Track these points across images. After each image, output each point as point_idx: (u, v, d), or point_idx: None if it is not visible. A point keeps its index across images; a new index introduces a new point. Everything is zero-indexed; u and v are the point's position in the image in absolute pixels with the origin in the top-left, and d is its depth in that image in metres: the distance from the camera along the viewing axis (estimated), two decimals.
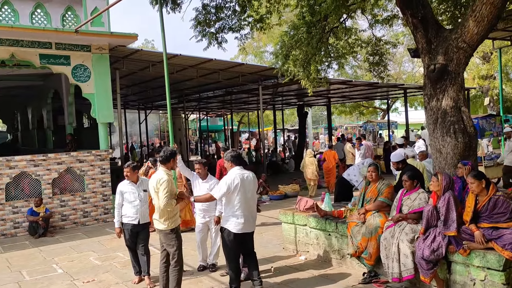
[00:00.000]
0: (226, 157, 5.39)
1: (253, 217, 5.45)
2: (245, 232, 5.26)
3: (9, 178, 9.46)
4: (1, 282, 6.42)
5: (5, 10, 9.46)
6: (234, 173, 5.24)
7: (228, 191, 5.13)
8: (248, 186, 5.29)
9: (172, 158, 5.26)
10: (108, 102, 10.57)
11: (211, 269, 6.50)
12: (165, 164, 5.24)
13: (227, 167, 5.40)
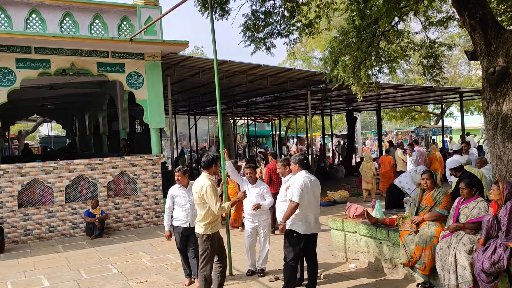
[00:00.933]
0: (294, 160, 5.49)
1: (318, 218, 5.53)
2: (311, 233, 5.37)
3: (68, 181, 9.94)
4: (61, 280, 6.74)
5: (67, 22, 9.98)
6: (302, 176, 5.35)
7: (301, 191, 5.20)
8: (314, 189, 5.41)
9: (214, 163, 5.37)
10: (160, 108, 10.88)
11: (259, 274, 6.50)
12: (208, 169, 5.36)
13: (294, 170, 5.49)
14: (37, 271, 7.31)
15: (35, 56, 9.65)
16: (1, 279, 6.95)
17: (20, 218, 9.44)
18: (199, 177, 5.43)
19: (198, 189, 5.19)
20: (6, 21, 9.44)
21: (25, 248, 8.99)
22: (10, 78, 9.46)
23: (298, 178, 5.34)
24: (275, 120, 30.64)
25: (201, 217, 5.24)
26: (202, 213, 5.24)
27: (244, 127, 35.47)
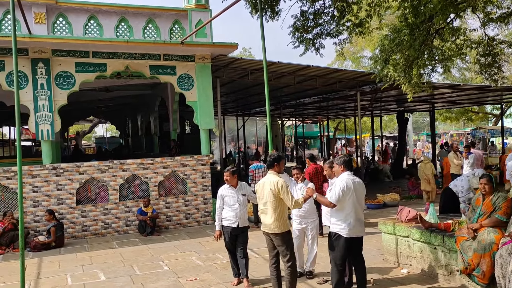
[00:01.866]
0: (338, 161, 5.38)
1: (363, 221, 5.39)
2: (356, 236, 5.23)
3: (122, 180, 10.31)
4: (116, 275, 7.01)
5: (122, 27, 10.38)
6: (346, 178, 5.24)
7: (342, 195, 5.10)
8: (359, 191, 5.26)
9: (276, 163, 5.40)
10: (210, 109, 11.07)
11: (308, 276, 6.46)
12: (272, 168, 5.40)
13: (337, 171, 5.39)
14: (93, 265, 7.64)
15: (93, 60, 10.10)
16: (61, 271, 7.33)
17: (78, 214, 9.91)
18: (267, 176, 5.48)
19: (273, 186, 5.23)
20: (67, 27, 9.94)
21: (83, 243, 9.42)
22: (70, 81, 9.95)
23: (341, 179, 5.24)
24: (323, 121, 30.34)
25: (275, 216, 5.26)
26: (274, 211, 5.26)
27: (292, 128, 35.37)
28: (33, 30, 9.27)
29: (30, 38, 9.07)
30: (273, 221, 5.29)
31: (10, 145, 30.11)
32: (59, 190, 9.78)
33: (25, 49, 9.46)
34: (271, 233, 5.35)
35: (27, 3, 9.17)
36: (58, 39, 9.52)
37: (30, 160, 11.32)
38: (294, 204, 5.21)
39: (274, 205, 5.27)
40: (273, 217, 5.28)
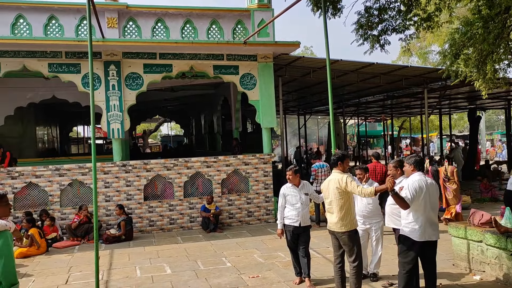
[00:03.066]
0: (409, 161, 5.16)
1: (436, 224, 5.11)
2: (428, 240, 4.96)
3: (186, 177, 10.63)
4: (181, 269, 7.25)
5: (187, 28, 10.70)
6: (417, 178, 5.00)
7: (413, 197, 4.87)
8: (431, 192, 5.01)
9: (340, 161, 5.34)
10: (272, 108, 11.12)
11: (372, 278, 6.30)
12: (336, 167, 5.36)
13: (407, 172, 5.17)
14: (160, 259, 7.95)
15: (160, 61, 10.51)
16: (131, 263, 7.70)
17: (146, 210, 10.35)
18: (331, 174, 5.45)
19: (337, 183, 5.20)
20: (137, 30, 10.40)
21: (150, 237, 9.83)
22: (138, 82, 10.41)
23: (412, 180, 5.00)
24: (387, 120, 29.43)
25: (341, 214, 5.22)
26: (340, 209, 5.22)
27: (354, 127, 34.65)
28: (106, 34, 9.79)
29: (103, 42, 9.59)
30: (338, 220, 5.22)
31: (84, 143, 32.04)
32: (128, 186, 10.26)
33: (99, 53, 10.02)
34: (337, 231, 5.28)
35: (100, 9, 9.70)
36: (129, 42, 10.00)
37: (101, 158, 11.98)
38: (362, 192, 5.02)
39: (339, 203, 5.21)
40: (338, 216, 5.22)
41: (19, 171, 9.79)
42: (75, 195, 10.22)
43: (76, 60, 10.00)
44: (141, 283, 6.62)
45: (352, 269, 5.28)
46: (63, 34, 9.99)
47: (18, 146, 14.35)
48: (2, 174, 9.66)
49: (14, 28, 9.80)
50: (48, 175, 9.92)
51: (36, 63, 9.83)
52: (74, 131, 34.29)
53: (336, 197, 5.24)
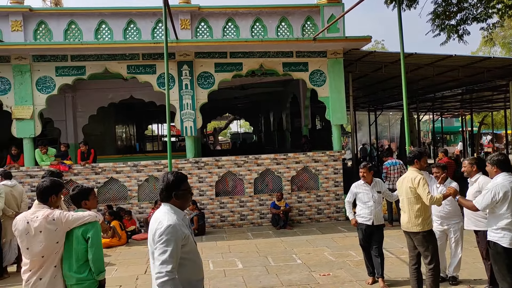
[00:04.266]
0: (491, 160, 4.71)
1: None
2: None
3: (256, 174, 10.77)
4: (252, 264, 7.37)
5: (257, 27, 10.83)
6: (501, 180, 4.55)
7: (493, 201, 4.48)
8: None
9: (417, 159, 5.17)
10: (342, 104, 10.93)
11: (451, 282, 6.00)
12: (412, 165, 5.20)
13: (491, 173, 4.74)
14: (231, 253, 8.14)
15: (230, 60, 10.72)
16: (204, 257, 7.94)
17: (217, 205, 10.63)
18: (407, 172, 5.31)
19: (410, 182, 5.06)
20: (208, 31, 10.70)
21: (221, 232, 10.09)
22: (210, 81, 10.70)
23: (495, 182, 4.55)
24: (465, 115, 27.78)
25: (413, 214, 5.07)
26: (412, 209, 5.07)
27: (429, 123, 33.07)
28: (179, 36, 10.16)
29: (177, 43, 9.96)
30: (410, 219, 5.05)
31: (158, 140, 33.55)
32: (201, 182, 10.60)
33: (173, 53, 10.42)
34: (410, 231, 5.10)
35: (174, 12, 10.09)
36: (201, 42, 10.30)
37: (175, 154, 12.46)
38: (430, 200, 4.87)
39: (412, 202, 5.04)
40: (410, 215, 5.05)
41: (101, 167, 10.47)
42: (151, 190, 10.73)
43: (152, 61, 10.49)
44: (214, 276, 6.82)
45: (428, 271, 5.06)
46: (140, 37, 10.53)
47: (100, 143, 15.34)
48: (88, 169, 10.39)
49: (97, 33, 10.48)
50: (127, 171, 10.50)
51: (116, 65, 10.44)
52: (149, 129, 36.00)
53: (409, 195, 5.07)
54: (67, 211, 3.80)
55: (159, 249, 2.84)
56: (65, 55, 10.20)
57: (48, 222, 3.62)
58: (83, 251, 3.71)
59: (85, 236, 3.71)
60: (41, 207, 3.75)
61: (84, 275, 3.72)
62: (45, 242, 3.63)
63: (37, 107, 10.23)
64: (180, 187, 3.08)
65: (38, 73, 10.21)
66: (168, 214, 2.98)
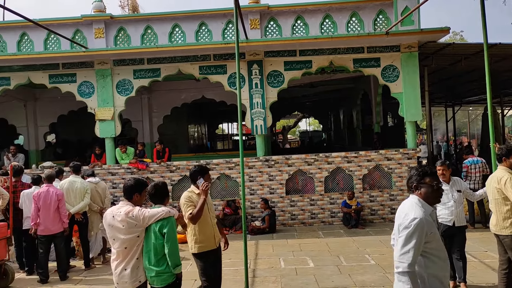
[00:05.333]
0: None
1: None
2: None
3: (327, 172, 10.64)
4: (324, 263, 7.30)
5: (326, 23, 10.68)
6: None
7: None
8: None
9: (505, 157, 4.86)
10: (416, 100, 10.47)
11: None
12: (500, 163, 4.90)
13: None
14: (302, 252, 8.11)
15: (299, 58, 10.67)
16: (275, 255, 8.01)
17: (287, 203, 10.64)
18: (496, 171, 5.03)
19: (496, 183, 4.79)
20: (277, 29, 10.74)
21: (292, 230, 10.09)
22: (279, 79, 10.73)
23: None
24: None
25: (501, 216, 4.79)
26: (499, 210, 4.79)
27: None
28: (249, 35, 10.29)
29: (247, 43, 10.09)
30: (498, 221, 4.74)
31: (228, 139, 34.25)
32: (271, 181, 10.66)
33: (243, 53, 10.58)
34: (499, 234, 4.77)
35: (244, 12, 10.24)
36: (270, 41, 10.35)
37: (245, 153, 12.61)
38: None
39: (499, 203, 4.72)
40: (498, 217, 4.74)
41: (176, 165, 10.88)
42: (223, 188, 10.98)
43: (222, 61, 10.72)
44: (285, 274, 6.84)
45: None
46: (211, 39, 10.80)
47: (173, 142, 15.97)
48: (163, 167, 10.85)
49: (171, 36, 10.90)
50: None
51: (189, 66, 10.80)
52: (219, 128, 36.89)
53: (495, 196, 4.77)
54: (145, 208, 4.01)
55: (401, 240, 2.89)
56: (142, 59, 10.73)
57: (129, 218, 3.85)
58: (161, 246, 3.89)
59: (162, 231, 3.89)
60: (126, 203, 4.00)
61: (163, 268, 3.90)
62: (127, 235, 3.88)
63: (117, 109, 10.86)
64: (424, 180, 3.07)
65: (118, 77, 10.84)
66: (416, 207, 3.00)
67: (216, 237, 4.89)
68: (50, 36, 11.01)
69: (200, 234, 4.77)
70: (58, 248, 7.20)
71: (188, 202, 4.69)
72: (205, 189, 4.65)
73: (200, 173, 4.83)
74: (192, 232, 4.80)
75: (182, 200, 4.74)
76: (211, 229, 4.86)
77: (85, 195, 7.69)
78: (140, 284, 3.95)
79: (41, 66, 10.80)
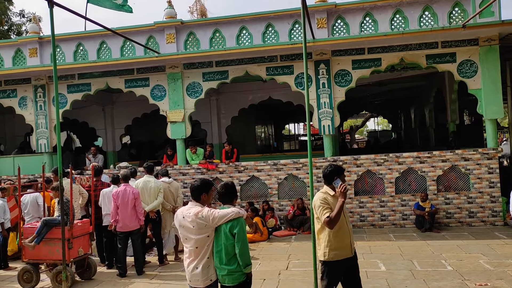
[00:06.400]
0: None
1: None
2: None
3: (398, 173, 10.26)
4: (396, 267, 7.04)
5: (396, 19, 10.32)
6: None
7: None
8: None
9: None
10: (497, 96, 9.82)
11: None
12: None
13: None
14: (373, 254, 7.88)
15: (368, 56, 10.39)
16: None
17: (356, 205, 10.41)
18: None
19: None
20: (345, 27, 10.55)
21: (361, 232, 9.84)
22: (347, 78, 10.53)
23: None
24: None
25: None
26: None
27: None
28: (315, 35, 10.20)
29: (313, 43, 10.00)
30: None
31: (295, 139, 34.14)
32: None
33: (309, 53, 10.50)
34: None
35: (311, 11, 10.15)
36: (338, 40, 10.19)
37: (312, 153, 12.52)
38: None
39: None
40: None
41: (244, 166, 11.04)
42: (290, 188, 10.96)
43: (289, 62, 10.71)
44: None
45: None
46: (278, 40, 10.84)
47: (241, 143, 16.22)
48: (231, 168, 11.05)
49: (238, 39, 11.09)
50: (267, 169, 10.90)
51: (256, 68, 10.91)
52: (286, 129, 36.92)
53: None
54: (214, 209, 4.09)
55: None
56: (210, 62, 11.01)
57: (198, 218, 3.94)
58: (231, 246, 3.95)
59: (232, 232, 3.94)
60: (194, 204, 4.10)
61: (234, 267, 3.96)
62: (197, 235, 3.97)
63: (187, 111, 11.23)
64: None
65: (188, 80, 11.20)
66: None
67: (352, 244, 4.46)
68: (126, 43, 11.65)
69: (335, 240, 4.32)
70: (135, 244, 7.58)
71: (324, 204, 4.30)
72: (344, 191, 4.26)
73: (337, 173, 4.47)
74: (326, 238, 4.36)
75: (316, 202, 4.38)
76: (348, 235, 4.41)
77: (158, 194, 8.03)
78: (211, 282, 4.03)
79: (117, 72, 11.44)
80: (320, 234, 4.43)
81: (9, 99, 12.17)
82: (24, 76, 11.87)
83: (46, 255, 6.94)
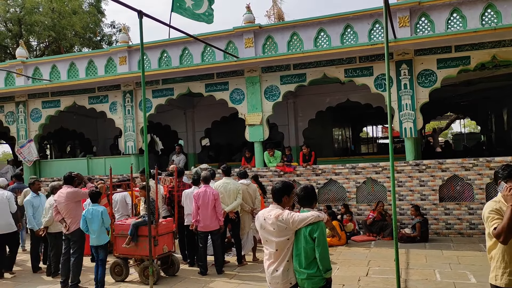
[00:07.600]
0: None
1: None
2: None
3: (489, 179, 9.55)
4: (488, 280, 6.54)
5: (488, 14, 9.65)
6: None
7: None
8: None
9: None
10: None
11: None
12: None
13: None
14: (461, 265, 7.41)
15: (455, 55, 9.81)
16: (429, 266, 7.47)
17: (441, 211, 9.85)
18: None
19: None
20: (429, 25, 10.06)
21: (447, 241, 9.30)
22: (431, 79, 10.02)
23: None
24: None
25: None
26: None
27: None
28: (397, 34, 9.84)
29: (395, 42, 9.64)
30: None
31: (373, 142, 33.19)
32: (422, 186, 10.00)
33: (390, 53, 10.13)
34: None
35: (392, 10, 9.81)
36: (422, 38, 9.71)
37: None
38: None
39: None
40: None
41: (321, 169, 10.92)
42: (369, 192, 10.65)
43: (368, 63, 10.42)
44: (442, 287, 6.32)
45: None
46: (357, 41, 10.61)
47: (318, 146, 16.08)
48: (309, 170, 10.99)
49: (316, 41, 11.02)
50: (345, 172, 10.69)
51: (334, 70, 10.76)
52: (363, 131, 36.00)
53: None
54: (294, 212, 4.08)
55: None
56: (288, 65, 11.04)
57: (279, 221, 3.96)
58: (311, 250, 3.91)
59: (312, 235, 3.90)
60: (275, 206, 4.12)
61: (313, 271, 3.92)
62: (277, 238, 3.99)
63: (265, 114, 11.35)
64: None
65: (265, 83, 11.34)
66: None
67: None
68: (206, 48, 12.07)
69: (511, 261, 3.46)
70: (215, 244, 7.81)
71: (494, 214, 3.47)
72: None
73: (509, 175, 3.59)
74: (499, 257, 3.53)
75: (485, 213, 3.57)
76: None
77: (237, 195, 8.21)
78: (291, 285, 4.03)
79: (198, 77, 11.87)
80: (492, 251, 3.64)
81: (102, 105, 13.12)
82: (114, 83, 12.73)
83: (135, 250, 7.39)
